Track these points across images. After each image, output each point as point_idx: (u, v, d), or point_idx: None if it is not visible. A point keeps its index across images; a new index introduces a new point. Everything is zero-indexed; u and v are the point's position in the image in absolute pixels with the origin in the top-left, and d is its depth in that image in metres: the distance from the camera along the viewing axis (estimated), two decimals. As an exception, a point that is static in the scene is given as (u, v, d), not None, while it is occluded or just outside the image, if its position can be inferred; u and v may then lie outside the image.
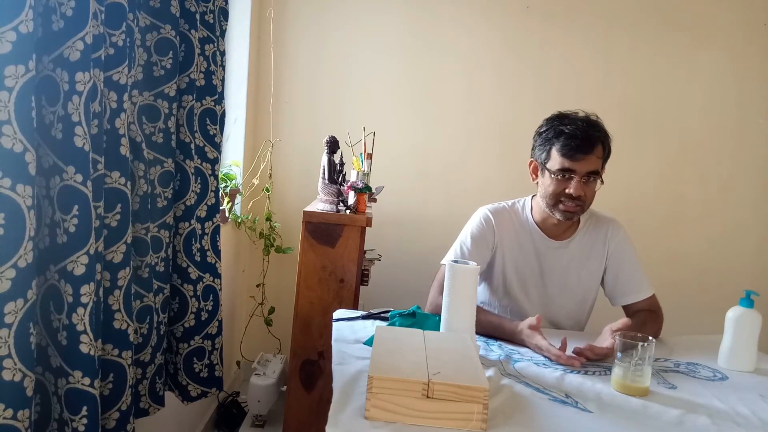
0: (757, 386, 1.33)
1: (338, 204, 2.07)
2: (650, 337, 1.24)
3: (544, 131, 1.63)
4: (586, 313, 1.78)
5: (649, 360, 1.23)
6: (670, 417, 1.12)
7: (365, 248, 2.10)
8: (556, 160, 1.59)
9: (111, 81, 1.16)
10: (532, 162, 1.69)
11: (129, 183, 1.23)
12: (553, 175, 1.59)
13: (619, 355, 1.25)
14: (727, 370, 1.43)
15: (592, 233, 1.73)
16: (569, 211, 1.60)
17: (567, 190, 1.58)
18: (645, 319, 1.62)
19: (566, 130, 1.57)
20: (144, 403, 1.43)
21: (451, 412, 0.98)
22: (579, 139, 1.55)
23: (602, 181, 1.61)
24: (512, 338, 1.50)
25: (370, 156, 2.29)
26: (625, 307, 1.71)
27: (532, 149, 1.69)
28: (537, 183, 1.68)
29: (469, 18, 2.84)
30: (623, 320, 1.41)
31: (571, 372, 1.32)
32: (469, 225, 1.76)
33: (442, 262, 1.72)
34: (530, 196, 1.77)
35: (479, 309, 1.63)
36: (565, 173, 1.57)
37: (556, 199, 1.60)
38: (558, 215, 1.62)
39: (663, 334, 1.66)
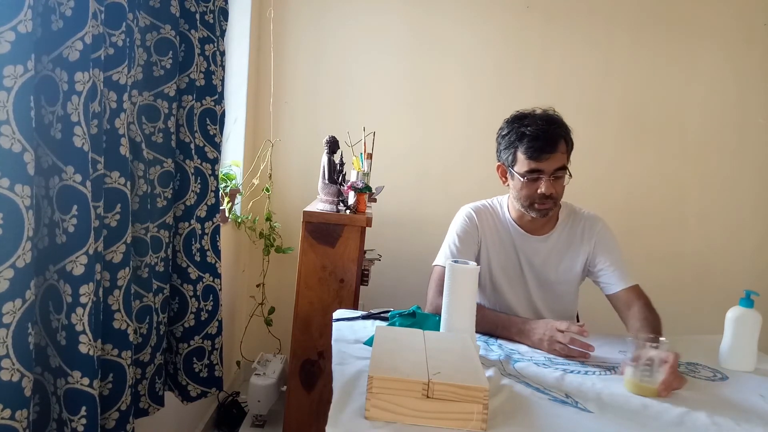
0: (757, 386, 1.33)
1: (338, 204, 2.07)
2: (662, 338, 1.25)
3: (506, 134, 1.65)
4: (568, 307, 1.79)
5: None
6: (670, 417, 1.12)
7: (365, 248, 2.10)
8: (522, 163, 1.61)
9: (111, 81, 1.16)
10: (499, 166, 1.71)
11: (129, 183, 1.23)
12: (522, 178, 1.61)
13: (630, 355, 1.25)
14: (727, 370, 1.43)
15: (570, 229, 1.75)
16: (544, 208, 1.64)
17: (539, 190, 1.60)
18: (645, 314, 1.62)
19: (528, 132, 1.59)
20: (144, 403, 1.43)
21: (451, 412, 0.98)
22: (541, 139, 1.57)
23: (570, 175, 1.63)
24: (521, 333, 1.51)
25: (370, 156, 2.28)
26: (615, 297, 1.69)
27: (497, 153, 1.70)
28: (508, 185, 1.71)
29: (469, 18, 2.84)
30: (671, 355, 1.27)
31: (571, 372, 1.32)
32: (453, 224, 1.79)
33: (434, 263, 1.74)
34: (507, 195, 1.79)
35: (485, 307, 1.65)
36: (533, 174, 1.60)
37: (530, 201, 1.63)
38: (534, 214, 1.66)
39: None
